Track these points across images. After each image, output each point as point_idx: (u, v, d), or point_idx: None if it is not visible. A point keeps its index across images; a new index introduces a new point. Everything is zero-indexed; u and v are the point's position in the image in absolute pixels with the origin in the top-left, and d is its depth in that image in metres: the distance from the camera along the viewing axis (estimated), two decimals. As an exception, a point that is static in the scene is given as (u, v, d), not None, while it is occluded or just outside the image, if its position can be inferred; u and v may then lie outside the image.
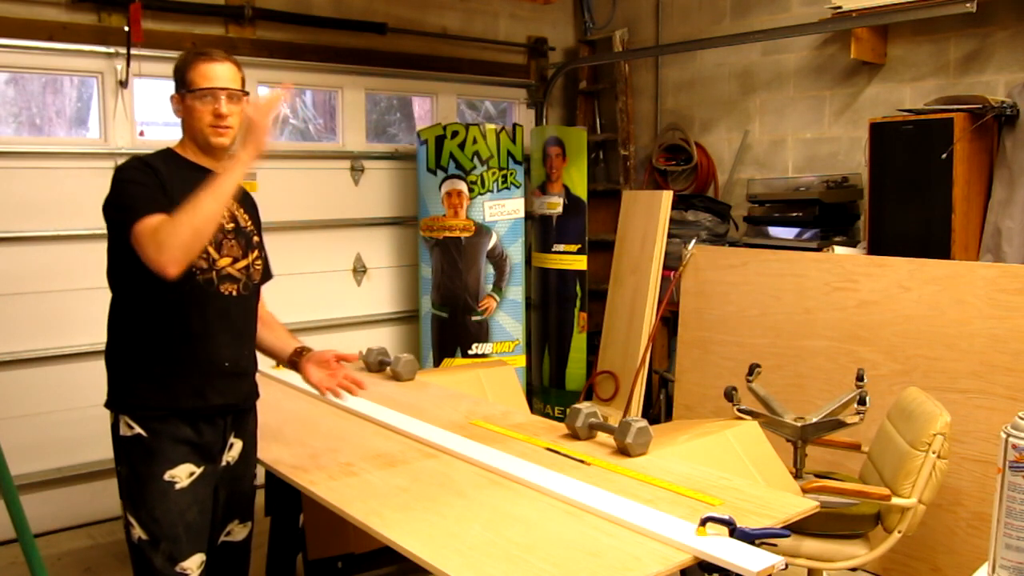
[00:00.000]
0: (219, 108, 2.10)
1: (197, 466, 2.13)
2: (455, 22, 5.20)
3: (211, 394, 2.14)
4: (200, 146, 2.15)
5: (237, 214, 2.22)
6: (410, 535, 1.83)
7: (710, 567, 1.71)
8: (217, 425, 2.17)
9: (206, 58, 2.13)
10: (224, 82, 2.12)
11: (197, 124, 2.12)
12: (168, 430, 2.08)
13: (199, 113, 2.11)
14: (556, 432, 2.55)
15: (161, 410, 2.08)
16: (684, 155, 5.15)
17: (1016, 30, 3.79)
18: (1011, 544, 1.35)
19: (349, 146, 4.87)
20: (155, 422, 2.08)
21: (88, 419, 3.88)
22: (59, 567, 3.63)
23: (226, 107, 2.11)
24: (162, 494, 2.07)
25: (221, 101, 2.10)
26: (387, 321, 5.05)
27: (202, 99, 2.10)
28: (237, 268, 2.17)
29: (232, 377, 2.19)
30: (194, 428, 2.12)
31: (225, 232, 2.16)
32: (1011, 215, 3.62)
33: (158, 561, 2.07)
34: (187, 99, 2.12)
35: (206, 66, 2.11)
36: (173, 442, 2.09)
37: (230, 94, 2.12)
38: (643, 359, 4.48)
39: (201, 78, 2.10)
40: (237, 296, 2.18)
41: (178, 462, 2.09)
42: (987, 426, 3.15)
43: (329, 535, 3.08)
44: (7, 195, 3.78)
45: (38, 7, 3.81)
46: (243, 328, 2.23)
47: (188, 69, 2.12)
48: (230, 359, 2.17)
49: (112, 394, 2.14)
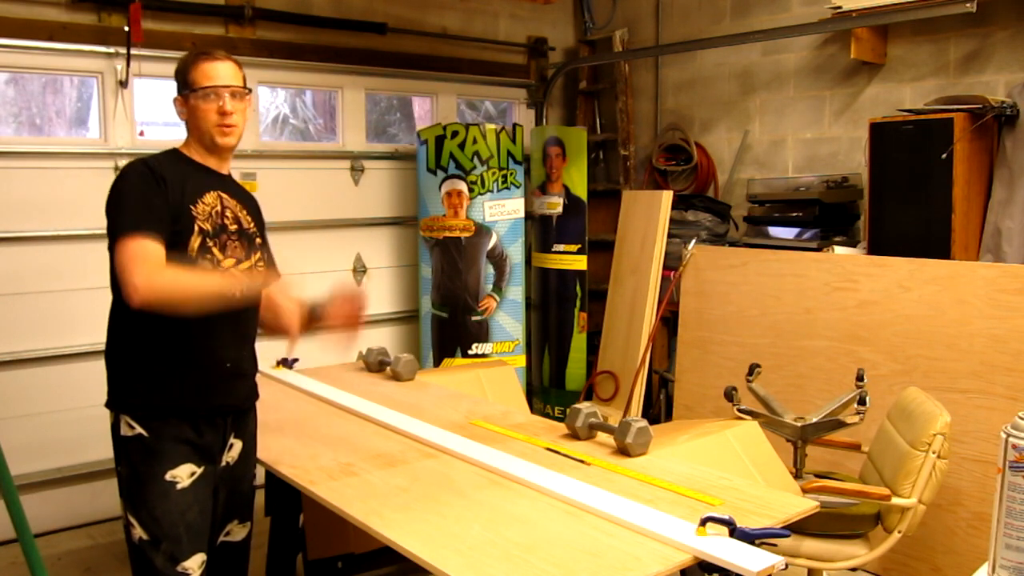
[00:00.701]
0: (223, 106, 2.10)
1: (198, 466, 2.12)
2: (455, 22, 5.20)
3: (212, 394, 2.14)
4: (206, 146, 2.15)
5: (240, 216, 2.21)
6: (410, 535, 1.83)
7: (710, 567, 1.71)
8: (217, 425, 2.18)
9: (208, 57, 2.13)
10: (227, 80, 2.12)
11: (203, 124, 2.12)
12: (169, 430, 2.08)
13: (204, 112, 2.11)
14: (556, 432, 2.55)
15: (162, 410, 2.08)
16: (684, 155, 5.15)
17: (1016, 30, 3.79)
18: (1011, 544, 1.35)
19: (349, 146, 4.87)
20: (156, 422, 2.08)
21: (88, 419, 3.88)
22: (59, 567, 3.63)
23: (230, 104, 2.11)
24: (163, 494, 2.07)
25: (225, 99, 2.11)
26: (387, 321, 5.05)
27: (206, 98, 2.10)
28: (241, 270, 2.17)
29: (233, 378, 2.20)
30: (195, 428, 2.12)
31: (229, 233, 2.16)
32: (1011, 215, 3.62)
33: (159, 561, 2.07)
34: (191, 99, 2.12)
35: (208, 65, 2.11)
36: (174, 442, 2.09)
37: (233, 92, 2.13)
38: (643, 359, 4.48)
39: (204, 77, 2.10)
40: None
41: (179, 462, 2.09)
42: (987, 426, 3.15)
43: (329, 535, 3.08)
44: (7, 195, 3.78)
45: (38, 7, 3.81)
46: (245, 329, 2.23)
47: (190, 69, 2.12)
48: (232, 360, 2.18)
49: (112, 394, 2.14)
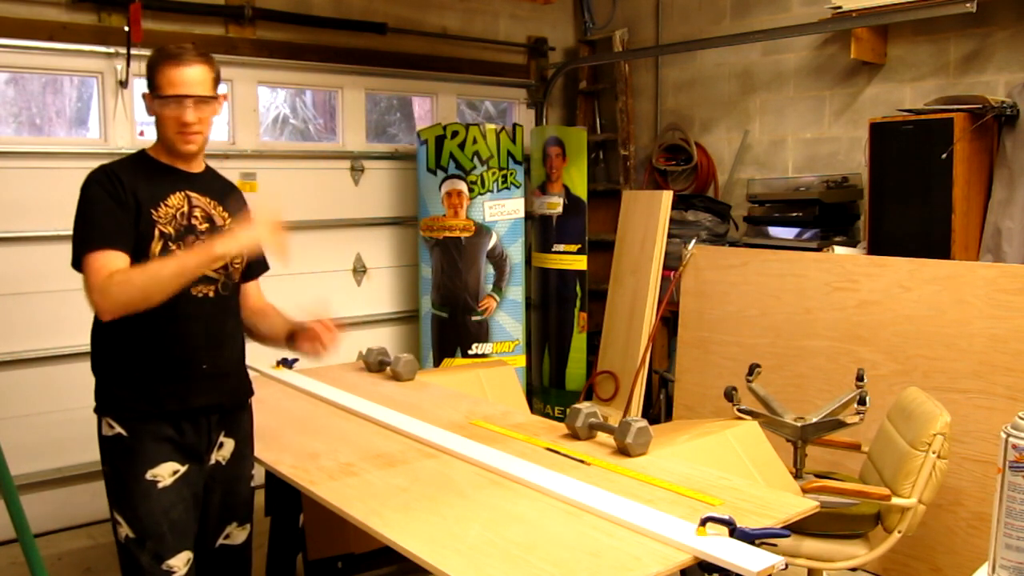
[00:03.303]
0: (183, 116, 2.04)
1: (181, 464, 2.12)
2: (455, 22, 5.20)
3: (191, 396, 2.13)
4: (168, 150, 2.13)
5: (214, 213, 2.17)
6: (410, 535, 1.83)
7: (710, 567, 1.71)
8: (201, 424, 2.16)
9: (174, 61, 2.04)
10: (191, 87, 2.04)
11: (165, 131, 2.08)
12: (149, 429, 2.08)
13: (166, 119, 2.07)
14: (556, 432, 2.55)
15: (143, 412, 2.08)
16: (684, 155, 5.15)
17: (1016, 30, 3.79)
18: (1011, 544, 1.35)
19: (349, 146, 4.87)
20: (136, 422, 2.08)
21: (87, 419, 3.79)
22: (59, 567, 3.63)
23: (192, 115, 2.05)
24: (145, 493, 2.07)
25: (187, 110, 2.04)
26: (387, 321, 5.05)
27: (168, 106, 2.04)
28: (214, 269, 2.13)
29: (212, 378, 2.17)
30: (176, 428, 2.12)
31: (198, 233, 2.12)
32: (1011, 215, 3.62)
33: (144, 559, 2.08)
34: (155, 104, 2.07)
35: (173, 71, 2.03)
36: (154, 441, 2.08)
37: (197, 100, 2.05)
38: (643, 359, 4.48)
39: (168, 84, 2.03)
40: (214, 297, 2.15)
41: (159, 461, 2.08)
42: (987, 426, 3.15)
43: (329, 535, 3.08)
44: (7, 195, 3.78)
45: (38, 7, 3.81)
46: (220, 329, 2.19)
47: (156, 72, 2.05)
48: (207, 361, 2.15)
49: (96, 398, 2.15)
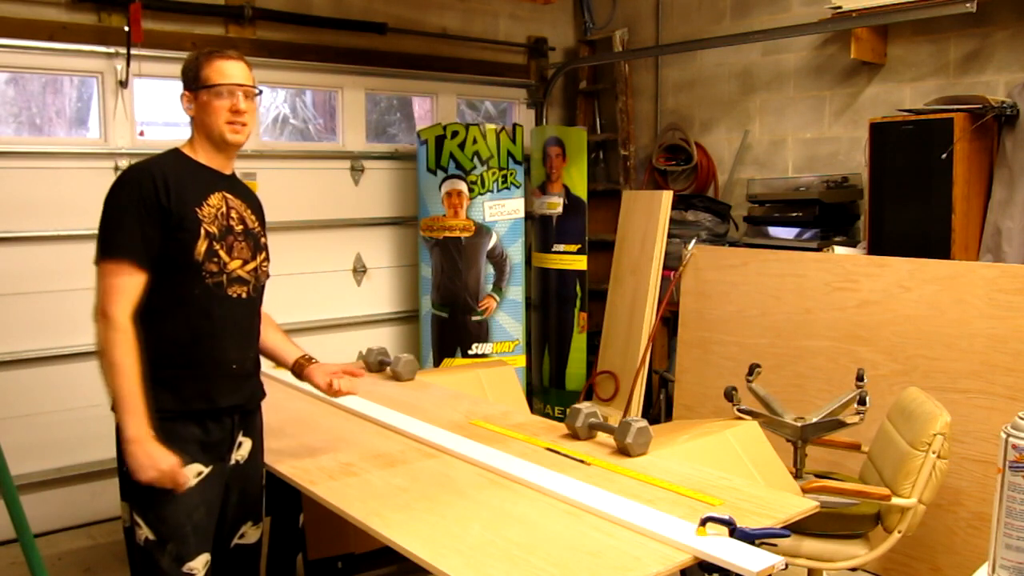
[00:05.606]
0: (237, 104, 2.11)
1: (205, 465, 2.12)
2: (455, 22, 5.20)
3: (218, 396, 2.14)
4: (214, 144, 2.15)
5: (245, 216, 2.20)
6: (410, 535, 1.83)
7: (710, 567, 1.71)
8: (224, 424, 2.17)
9: (222, 55, 2.14)
10: (241, 79, 2.13)
11: (213, 120, 2.11)
12: (176, 430, 2.07)
13: (216, 109, 2.11)
14: (556, 432, 2.55)
15: (170, 412, 2.07)
16: (684, 155, 5.15)
17: (1016, 30, 3.79)
18: (1011, 544, 1.35)
19: (349, 146, 4.87)
20: (164, 422, 2.07)
21: (88, 419, 3.88)
22: (59, 567, 3.63)
23: (243, 103, 2.12)
24: (169, 495, 2.05)
25: (239, 97, 2.11)
26: (387, 321, 5.05)
27: (219, 95, 2.10)
28: (247, 270, 2.17)
29: (238, 378, 2.19)
30: (202, 427, 2.12)
31: (235, 234, 2.15)
32: (1011, 215, 3.62)
33: (165, 562, 2.06)
34: (202, 95, 2.11)
35: (223, 63, 2.12)
36: (181, 442, 2.08)
37: (246, 91, 2.14)
38: (643, 359, 4.48)
39: (218, 74, 2.11)
40: (246, 298, 2.18)
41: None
42: (987, 426, 3.15)
43: (329, 535, 3.08)
44: (7, 195, 3.78)
45: (38, 7, 3.81)
46: (249, 330, 2.24)
47: (203, 66, 2.12)
48: (237, 361, 2.17)
49: None
